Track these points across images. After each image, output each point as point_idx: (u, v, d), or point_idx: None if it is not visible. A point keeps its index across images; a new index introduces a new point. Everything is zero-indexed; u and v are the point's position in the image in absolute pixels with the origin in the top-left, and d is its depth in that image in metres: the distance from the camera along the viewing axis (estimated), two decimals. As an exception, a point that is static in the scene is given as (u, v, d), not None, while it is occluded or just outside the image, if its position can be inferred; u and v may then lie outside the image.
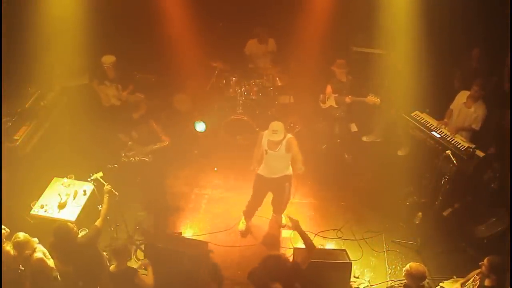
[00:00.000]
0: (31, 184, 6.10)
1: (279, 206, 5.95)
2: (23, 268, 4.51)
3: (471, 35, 7.06)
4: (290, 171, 5.53)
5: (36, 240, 4.63)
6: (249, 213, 6.03)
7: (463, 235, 5.81)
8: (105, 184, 5.15)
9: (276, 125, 5.09)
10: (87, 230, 4.99)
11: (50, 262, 4.58)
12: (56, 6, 6.58)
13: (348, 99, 6.56)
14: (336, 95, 6.71)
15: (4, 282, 4.43)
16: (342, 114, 6.91)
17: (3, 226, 4.62)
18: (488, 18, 6.93)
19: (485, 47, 6.79)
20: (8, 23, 6.35)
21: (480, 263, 4.39)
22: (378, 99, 6.37)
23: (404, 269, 4.41)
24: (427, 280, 4.41)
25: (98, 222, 4.73)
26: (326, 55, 7.43)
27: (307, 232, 6.03)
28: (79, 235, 4.73)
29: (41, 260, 4.49)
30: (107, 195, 5.02)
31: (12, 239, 4.48)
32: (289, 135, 5.26)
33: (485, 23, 6.97)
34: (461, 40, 7.13)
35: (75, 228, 4.56)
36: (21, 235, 4.46)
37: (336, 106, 6.81)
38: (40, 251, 4.56)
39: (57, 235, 4.41)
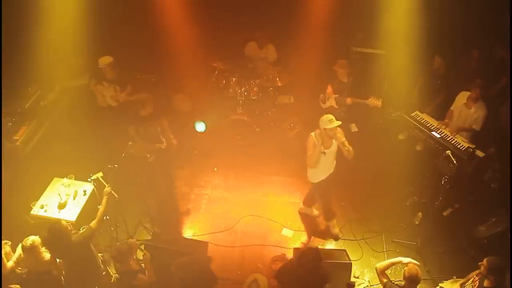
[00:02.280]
0: (31, 184, 6.10)
1: (329, 203, 5.96)
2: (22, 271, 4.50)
3: (471, 35, 7.06)
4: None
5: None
6: (330, 217, 6.02)
7: (463, 235, 5.82)
8: (106, 185, 5.15)
9: (327, 115, 5.15)
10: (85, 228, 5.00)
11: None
12: (56, 6, 6.57)
13: (349, 101, 6.55)
14: (337, 95, 6.70)
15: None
16: (342, 114, 6.90)
17: (6, 241, 4.59)
18: (488, 19, 6.94)
19: (485, 48, 6.79)
20: (8, 23, 6.35)
21: (479, 264, 4.39)
22: (380, 102, 6.34)
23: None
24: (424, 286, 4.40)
25: (93, 223, 4.74)
26: (326, 55, 7.43)
27: (306, 232, 6.11)
28: (79, 233, 4.74)
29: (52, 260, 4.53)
30: (106, 197, 5.02)
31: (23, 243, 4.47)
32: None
33: (485, 23, 6.97)
34: (461, 40, 7.13)
35: (69, 227, 4.58)
36: (29, 241, 4.42)
37: (337, 107, 6.80)
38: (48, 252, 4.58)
39: (50, 232, 4.42)
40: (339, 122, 5.13)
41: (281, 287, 4.42)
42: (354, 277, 5.49)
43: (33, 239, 4.42)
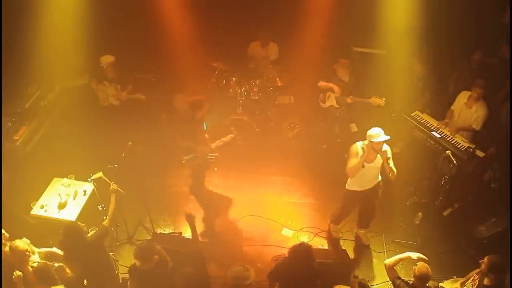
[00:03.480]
0: (31, 184, 6.11)
1: (368, 216, 5.72)
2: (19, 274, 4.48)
3: (472, 36, 7.05)
4: (380, 176, 5.36)
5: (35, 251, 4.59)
6: (338, 221, 5.92)
7: (463, 235, 5.82)
8: (111, 183, 5.14)
9: (376, 128, 4.90)
10: (97, 229, 4.99)
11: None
12: (56, 6, 6.57)
13: (349, 100, 6.53)
14: (338, 94, 6.70)
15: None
16: (342, 114, 6.90)
17: (3, 231, 4.60)
18: (489, 19, 6.94)
19: (486, 48, 6.78)
20: (8, 23, 6.35)
21: (480, 261, 4.39)
22: (383, 101, 6.30)
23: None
24: (435, 284, 4.38)
25: (106, 222, 4.74)
26: (326, 55, 7.42)
27: (306, 232, 6.11)
28: (88, 234, 4.74)
29: (45, 264, 4.47)
30: (114, 194, 5.01)
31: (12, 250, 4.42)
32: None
33: (486, 24, 6.97)
34: (462, 40, 7.12)
35: (84, 227, 4.58)
36: (20, 244, 4.38)
37: (337, 106, 6.79)
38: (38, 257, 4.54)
39: (67, 233, 4.41)
40: (388, 137, 4.87)
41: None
42: (354, 277, 5.48)
43: (19, 243, 4.36)
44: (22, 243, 4.39)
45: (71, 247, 4.48)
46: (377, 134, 4.86)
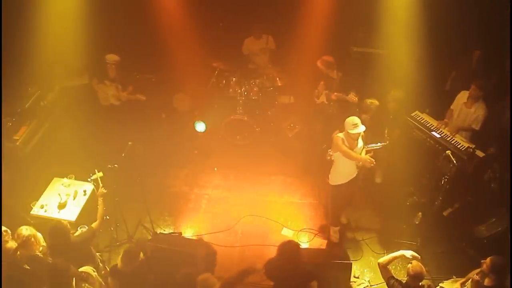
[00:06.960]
0: (31, 184, 6.10)
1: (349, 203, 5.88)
2: (28, 268, 4.50)
3: (471, 36, 7.05)
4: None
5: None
6: (337, 223, 5.90)
7: (463, 235, 5.82)
8: (100, 186, 5.16)
9: (353, 118, 4.98)
10: (86, 228, 5.00)
11: None
12: (56, 6, 6.57)
13: (333, 97, 6.55)
14: (327, 91, 6.69)
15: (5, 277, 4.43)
16: (334, 111, 6.87)
17: (4, 228, 4.61)
18: (488, 19, 6.93)
19: (485, 48, 6.78)
20: (8, 22, 6.35)
21: (482, 261, 4.39)
22: (356, 98, 6.30)
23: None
24: (428, 282, 4.39)
25: (95, 224, 4.76)
26: (326, 55, 7.41)
27: (306, 232, 6.12)
28: (77, 232, 4.74)
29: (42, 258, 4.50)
30: (101, 197, 5.02)
31: (16, 236, 4.47)
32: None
33: (486, 23, 6.97)
34: (461, 40, 7.12)
35: (68, 226, 4.57)
36: (25, 231, 4.44)
37: (327, 103, 6.78)
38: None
39: (52, 233, 4.43)
40: (364, 128, 4.96)
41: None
42: (354, 277, 5.49)
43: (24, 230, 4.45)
44: (27, 230, 4.45)
45: (57, 246, 4.48)
46: (353, 125, 4.94)
